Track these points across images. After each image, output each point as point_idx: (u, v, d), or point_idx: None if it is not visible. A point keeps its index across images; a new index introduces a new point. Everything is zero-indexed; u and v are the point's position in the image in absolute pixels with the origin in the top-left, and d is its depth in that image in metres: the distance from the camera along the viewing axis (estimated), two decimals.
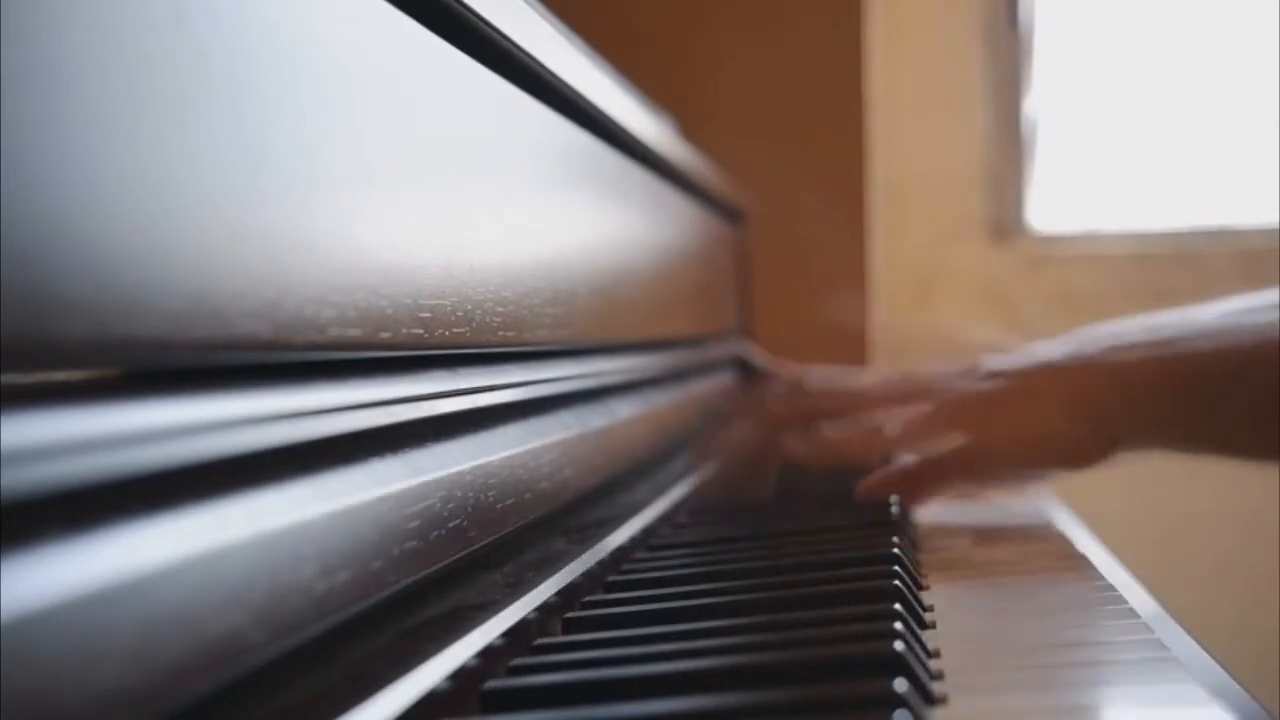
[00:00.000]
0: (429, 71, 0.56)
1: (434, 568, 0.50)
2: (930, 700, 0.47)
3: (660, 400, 1.01)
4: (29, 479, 0.29)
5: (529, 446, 0.65)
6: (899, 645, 0.48)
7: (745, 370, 1.48)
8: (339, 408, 0.45)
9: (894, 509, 0.85)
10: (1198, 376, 0.82)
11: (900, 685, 0.44)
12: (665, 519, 0.87)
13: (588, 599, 0.65)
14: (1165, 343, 0.83)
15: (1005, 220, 2.52)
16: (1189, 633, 0.57)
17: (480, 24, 0.62)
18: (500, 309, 0.62)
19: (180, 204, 0.36)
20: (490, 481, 0.58)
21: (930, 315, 2.47)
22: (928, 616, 0.61)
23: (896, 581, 0.61)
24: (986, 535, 0.88)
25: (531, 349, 0.69)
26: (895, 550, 0.69)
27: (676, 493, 0.94)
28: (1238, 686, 0.49)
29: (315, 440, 0.43)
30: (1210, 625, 0.83)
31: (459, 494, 0.54)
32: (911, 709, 0.43)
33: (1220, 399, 0.81)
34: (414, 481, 0.49)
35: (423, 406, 0.53)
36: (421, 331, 0.53)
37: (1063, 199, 2.56)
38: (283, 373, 0.43)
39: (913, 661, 0.48)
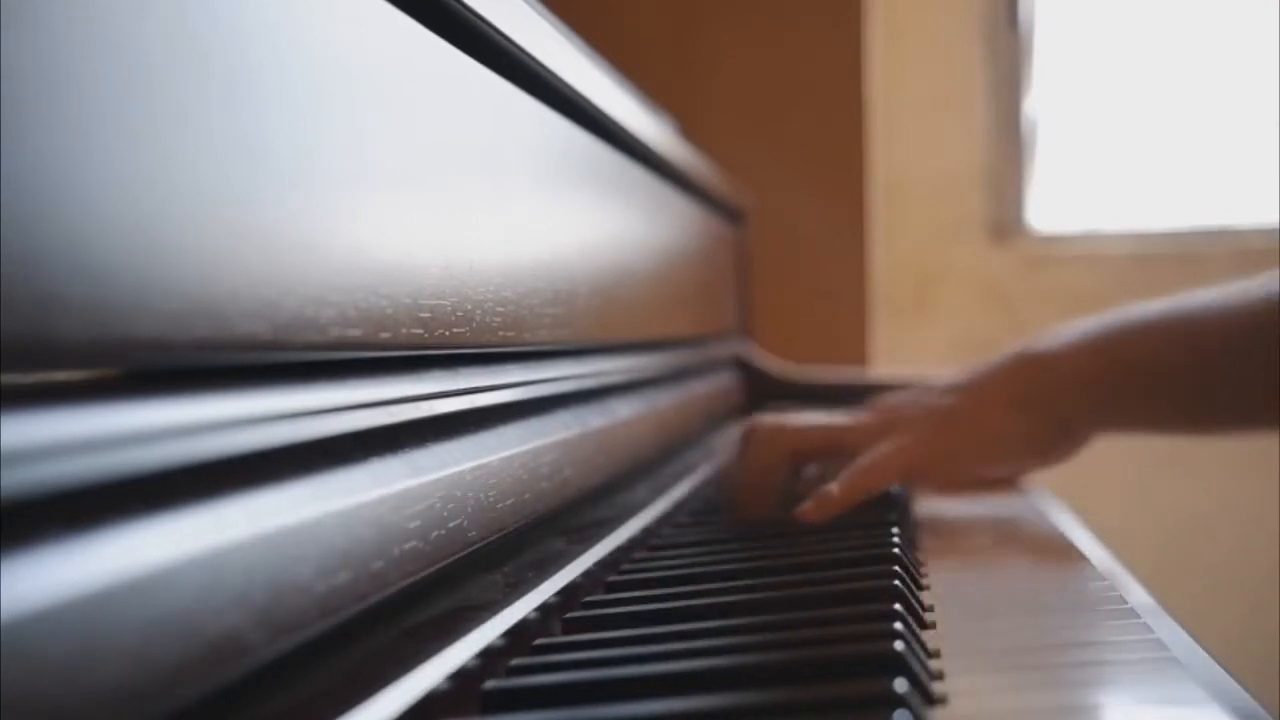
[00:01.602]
0: (429, 71, 0.56)
1: (434, 568, 0.50)
2: (930, 700, 0.47)
3: (660, 400, 1.01)
4: (29, 479, 0.29)
5: (529, 446, 0.65)
6: (899, 645, 0.48)
7: (745, 370, 1.48)
8: (339, 408, 0.45)
9: (892, 512, 0.85)
10: (1132, 357, 0.87)
11: (900, 685, 0.44)
12: (665, 519, 0.87)
13: (588, 599, 0.65)
14: (1101, 331, 0.89)
15: (1005, 220, 2.52)
16: (1189, 632, 0.57)
17: (480, 24, 0.62)
18: (500, 309, 0.62)
19: (180, 204, 0.36)
20: (490, 481, 0.58)
21: (930, 315, 2.47)
22: (928, 617, 0.61)
23: (896, 581, 0.61)
24: (987, 535, 0.88)
25: (531, 349, 0.69)
26: (895, 550, 0.69)
27: (677, 493, 0.94)
28: (1237, 686, 0.49)
29: (315, 440, 0.43)
30: (1210, 625, 0.83)
31: (459, 494, 0.54)
32: (912, 709, 0.43)
33: (1159, 378, 0.87)
34: (414, 481, 0.49)
35: (423, 406, 0.53)
36: (421, 331, 0.53)
37: (1063, 199, 2.56)
38: (283, 373, 0.43)
39: (913, 661, 0.48)
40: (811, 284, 1.94)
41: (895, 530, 0.76)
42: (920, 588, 0.67)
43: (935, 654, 0.54)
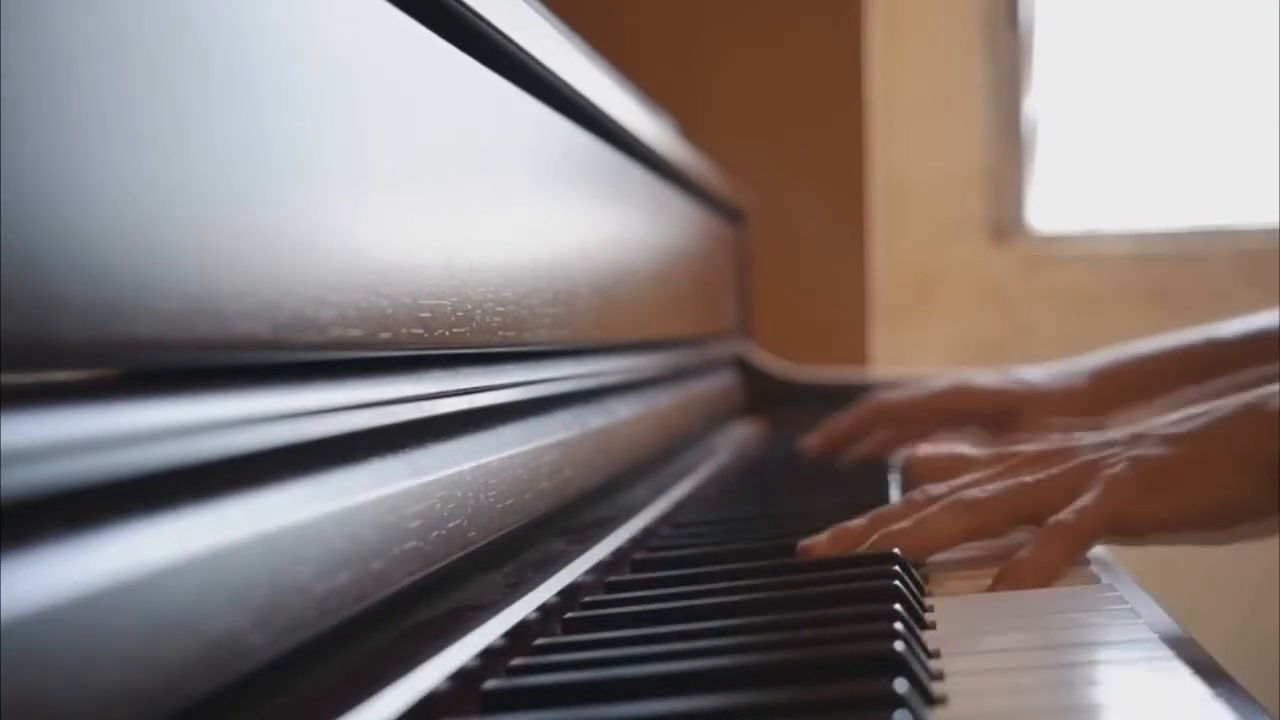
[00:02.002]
0: (429, 71, 0.56)
1: (434, 568, 0.50)
2: (930, 700, 0.47)
3: (660, 400, 1.01)
4: (29, 479, 0.29)
5: (529, 446, 0.65)
6: (899, 645, 0.48)
7: (745, 370, 1.48)
8: (339, 408, 0.45)
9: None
10: None
11: (901, 685, 0.44)
12: (665, 519, 0.87)
13: (588, 599, 0.64)
14: None
15: (1005, 220, 2.52)
16: (1188, 633, 0.57)
17: (480, 24, 0.62)
18: (500, 309, 0.62)
19: (180, 204, 0.36)
20: (490, 481, 0.58)
21: (930, 315, 2.47)
22: (928, 617, 0.61)
23: (897, 582, 0.61)
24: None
25: (531, 349, 0.69)
26: (895, 550, 0.69)
27: (677, 493, 0.94)
28: (1238, 686, 0.49)
29: (315, 440, 0.43)
30: (1210, 626, 0.83)
31: (459, 494, 0.54)
32: (912, 709, 0.43)
33: None
34: (414, 481, 0.49)
35: (423, 406, 0.53)
36: (421, 331, 0.53)
37: (1063, 199, 2.56)
38: (283, 373, 0.43)
39: (913, 661, 0.48)
40: (811, 284, 1.94)
41: None
42: (920, 588, 0.67)
43: (935, 654, 0.54)
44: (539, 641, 0.56)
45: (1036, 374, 1.14)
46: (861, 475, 1.06)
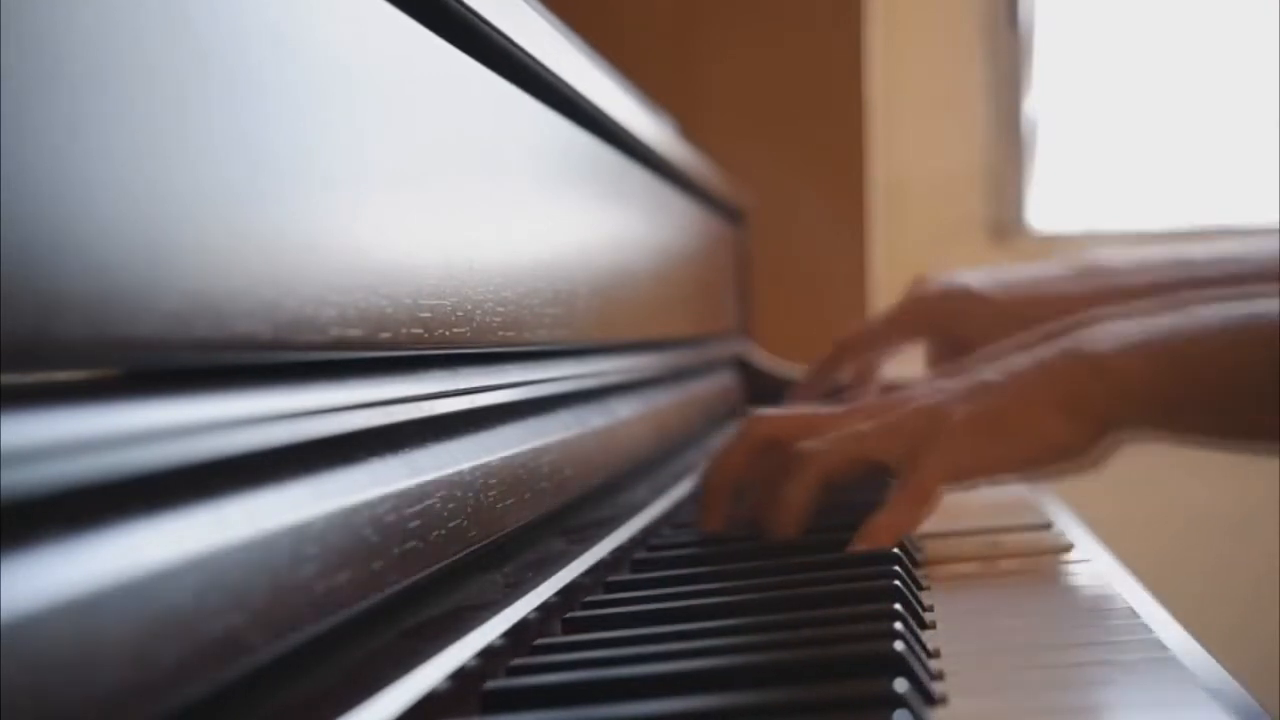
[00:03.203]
0: (429, 71, 0.56)
1: (434, 568, 0.50)
2: (930, 700, 0.47)
3: (660, 400, 1.01)
4: (29, 479, 0.29)
5: (529, 446, 0.65)
6: (899, 645, 0.48)
7: (745, 370, 1.48)
8: (339, 408, 0.45)
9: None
10: (1200, 365, 0.81)
11: (900, 685, 0.44)
12: (665, 519, 0.87)
13: (588, 599, 0.65)
14: (1164, 332, 0.82)
15: (1005, 220, 2.52)
16: (1189, 632, 0.57)
17: (480, 23, 0.62)
18: (500, 309, 0.62)
19: (180, 204, 0.36)
20: (490, 481, 0.58)
21: None
22: (928, 616, 0.61)
23: (896, 581, 0.61)
24: (985, 535, 0.88)
25: (531, 349, 0.69)
26: (895, 550, 0.69)
27: (677, 493, 0.94)
28: (1237, 686, 0.49)
29: (315, 440, 0.43)
30: (1210, 625, 0.83)
31: (459, 494, 0.54)
32: (912, 709, 0.43)
33: (1211, 388, 0.81)
34: (414, 481, 0.49)
35: (423, 406, 0.53)
36: (421, 331, 0.53)
37: (1063, 199, 2.56)
38: (283, 373, 0.43)
39: (913, 661, 0.48)
40: (811, 284, 1.94)
41: None
42: (920, 588, 0.67)
43: (935, 654, 0.54)
44: (539, 641, 0.56)
45: (993, 277, 1.16)
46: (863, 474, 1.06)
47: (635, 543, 0.78)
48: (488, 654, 0.50)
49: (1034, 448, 0.82)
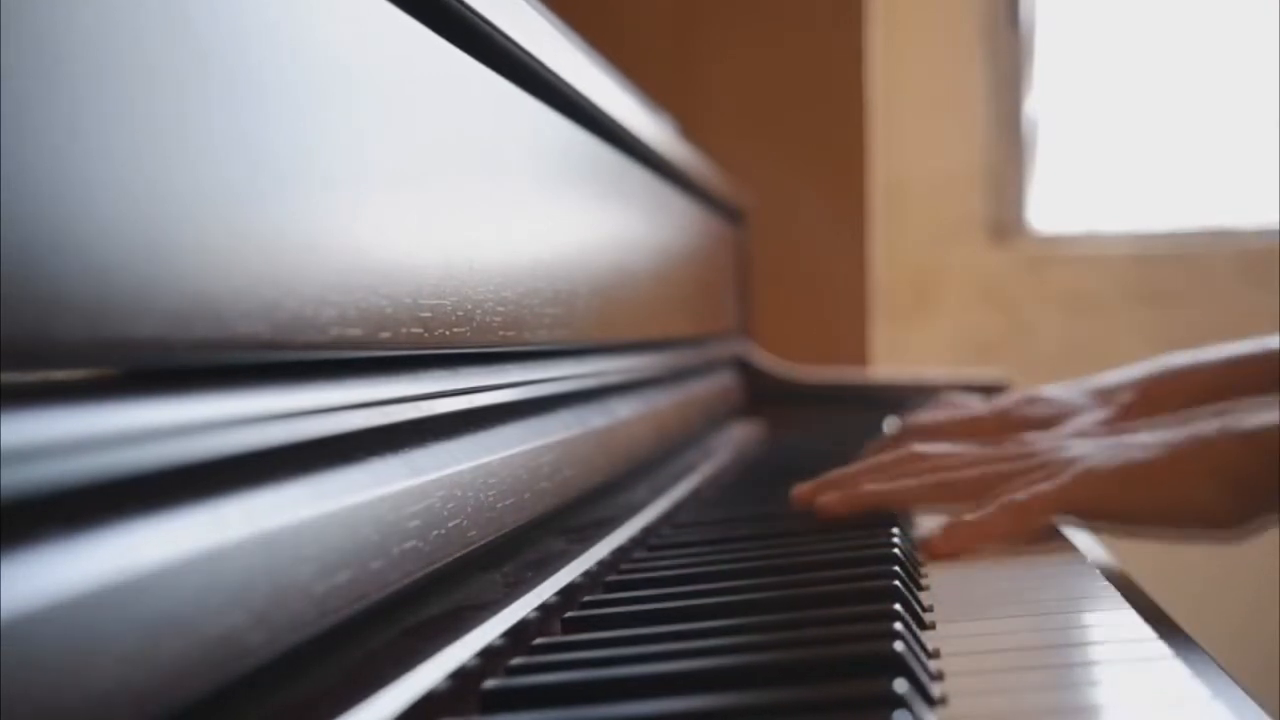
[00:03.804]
0: (429, 71, 0.56)
1: (434, 568, 0.50)
2: (930, 700, 0.47)
3: (660, 400, 1.01)
4: (29, 479, 0.29)
5: (529, 446, 0.65)
6: (899, 645, 0.48)
7: (745, 370, 1.48)
8: (339, 407, 0.45)
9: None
10: None
11: (900, 686, 0.44)
12: (665, 519, 0.87)
13: (588, 599, 0.65)
14: None
15: (1005, 220, 2.52)
16: (1189, 633, 0.57)
17: (480, 23, 0.62)
18: (500, 309, 0.62)
19: (180, 204, 0.36)
20: (490, 481, 0.58)
21: (930, 315, 2.47)
22: (927, 617, 0.61)
23: (896, 582, 0.61)
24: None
25: (531, 349, 0.69)
26: (895, 550, 0.69)
27: (677, 493, 0.94)
28: (1238, 686, 0.49)
29: (315, 440, 0.43)
30: (1210, 626, 0.83)
31: (459, 494, 0.54)
32: (911, 709, 0.43)
33: None
34: (414, 481, 0.49)
35: (423, 406, 0.53)
36: (421, 331, 0.53)
37: (1063, 199, 2.56)
38: (283, 372, 0.43)
39: (912, 662, 0.48)
40: (811, 284, 1.94)
41: (895, 531, 0.76)
42: (920, 588, 0.67)
43: (935, 654, 0.54)
44: (539, 641, 0.56)
45: (1069, 394, 1.11)
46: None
47: (635, 543, 0.78)
48: (487, 654, 0.50)
49: (1175, 508, 0.80)
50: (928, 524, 0.90)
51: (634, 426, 0.89)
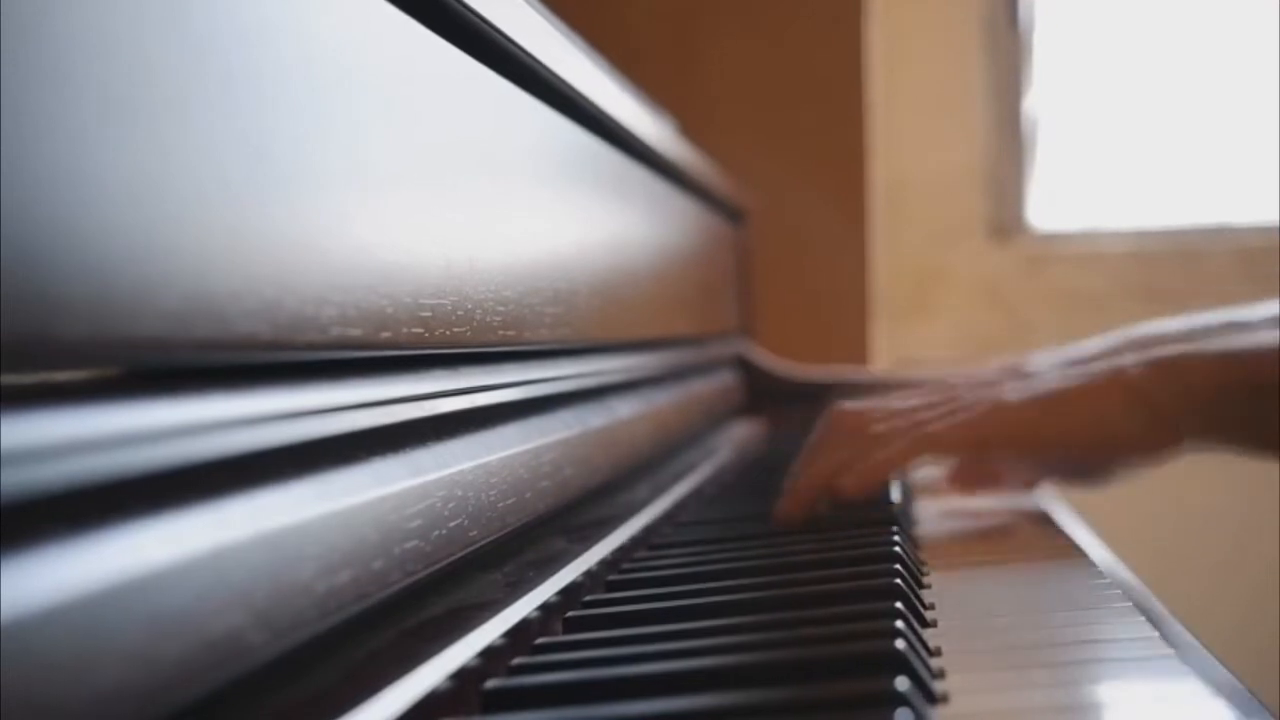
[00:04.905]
0: (429, 71, 0.56)
1: (435, 567, 0.50)
2: (932, 699, 0.47)
3: (661, 399, 1.01)
4: (29, 479, 0.29)
5: (529, 446, 0.65)
6: (900, 643, 0.48)
7: (746, 369, 1.48)
8: (340, 407, 0.45)
9: (895, 502, 0.85)
10: (1260, 375, 0.81)
11: (902, 684, 0.44)
12: (666, 518, 0.87)
13: (588, 599, 0.64)
14: (1220, 341, 0.84)
15: (1005, 220, 2.52)
16: (1190, 630, 0.57)
17: (481, 23, 0.62)
18: (500, 308, 0.62)
19: (180, 204, 0.36)
20: (491, 481, 0.58)
21: (930, 315, 2.47)
22: (929, 615, 0.61)
23: (897, 580, 0.61)
24: (987, 534, 0.88)
25: (531, 348, 0.69)
26: (896, 548, 0.69)
27: (677, 492, 0.94)
28: (1239, 684, 0.49)
29: (316, 440, 0.43)
30: (1211, 624, 0.83)
31: (460, 493, 0.54)
32: (913, 707, 0.43)
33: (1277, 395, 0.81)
34: (415, 481, 0.49)
35: (423, 406, 0.53)
36: (422, 331, 0.53)
37: (1063, 198, 2.56)
38: (283, 372, 0.43)
39: (914, 660, 0.48)
40: (811, 284, 1.94)
41: (896, 528, 0.76)
42: (921, 586, 0.67)
43: (936, 652, 0.54)
44: (540, 641, 0.56)
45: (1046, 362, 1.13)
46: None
47: (636, 542, 0.78)
48: (488, 653, 0.50)
49: (1089, 431, 0.82)
50: (928, 524, 0.90)
51: (635, 426, 0.89)
